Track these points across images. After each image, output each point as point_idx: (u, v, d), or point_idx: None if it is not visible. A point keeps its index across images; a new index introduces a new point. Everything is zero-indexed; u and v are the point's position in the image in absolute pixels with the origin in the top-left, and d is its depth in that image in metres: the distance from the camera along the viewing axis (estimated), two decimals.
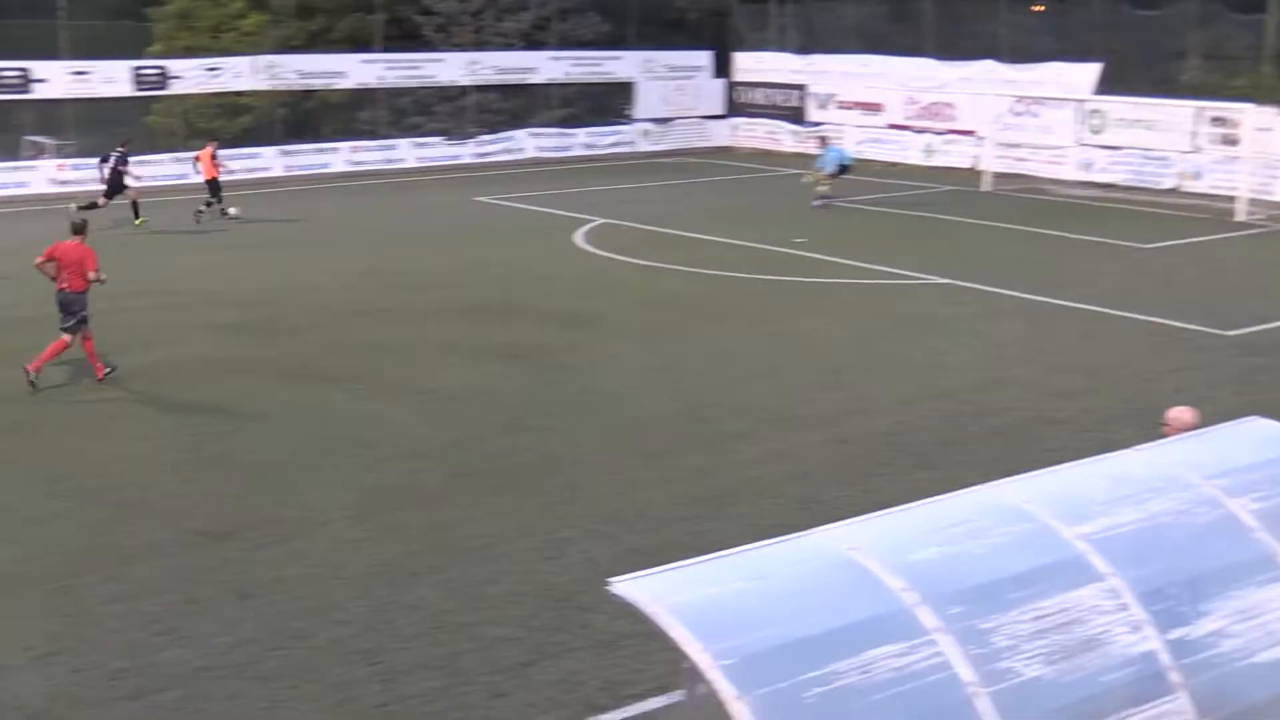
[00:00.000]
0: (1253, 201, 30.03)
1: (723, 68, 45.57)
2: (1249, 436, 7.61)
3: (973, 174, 37.21)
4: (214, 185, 29.51)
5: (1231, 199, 30.56)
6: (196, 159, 30.48)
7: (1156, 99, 33.89)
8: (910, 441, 14.37)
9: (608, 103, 44.58)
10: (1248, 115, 30.32)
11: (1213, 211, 30.62)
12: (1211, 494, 6.75)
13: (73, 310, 16.59)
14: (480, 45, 42.16)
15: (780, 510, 12.37)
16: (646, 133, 44.05)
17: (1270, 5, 33.55)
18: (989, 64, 38.10)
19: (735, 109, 45.63)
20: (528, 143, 41.93)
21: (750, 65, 45.28)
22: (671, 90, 44.47)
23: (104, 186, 29.10)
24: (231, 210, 29.59)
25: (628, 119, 44.05)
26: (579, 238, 27.59)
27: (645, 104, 44.03)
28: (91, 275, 16.48)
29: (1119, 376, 16.83)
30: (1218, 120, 32.67)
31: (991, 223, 29.28)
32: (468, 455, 14.00)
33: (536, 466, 13.67)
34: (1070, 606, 5.98)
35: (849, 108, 41.99)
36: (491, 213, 31.68)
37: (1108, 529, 6.38)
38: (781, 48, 44.95)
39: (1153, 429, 9.64)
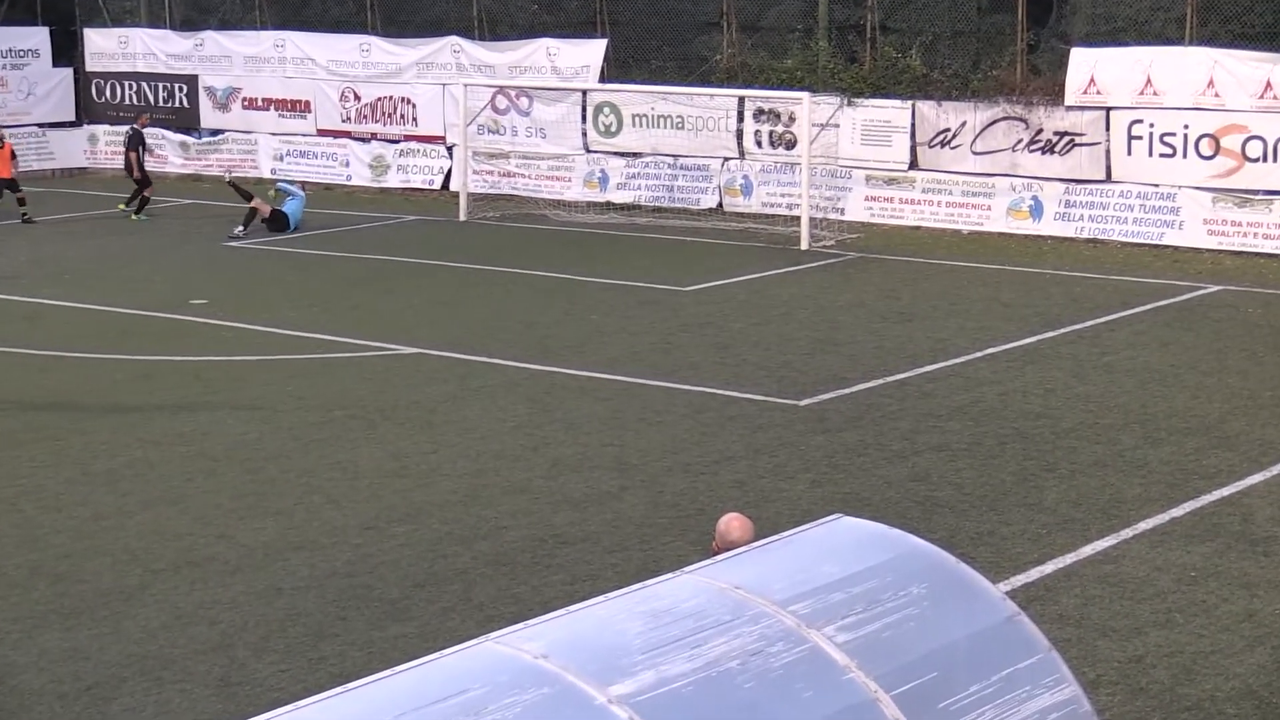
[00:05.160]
0: (818, 222, 31.98)
1: (70, 52, 44.67)
2: (833, 541, 8.01)
3: (444, 197, 37.98)
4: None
5: (793, 219, 32.46)
6: None
7: (685, 87, 35.66)
8: (374, 584, 14.40)
9: None
10: (804, 107, 32.25)
11: (769, 237, 32.43)
12: (789, 625, 7.05)
13: None
14: None
15: (191, 698, 12.13)
16: None
17: None
18: (455, 42, 39.02)
19: (93, 113, 44.81)
20: None
21: (111, 48, 44.58)
22: None
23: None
24: None
25: None
26: None
27: None
28: None
29: (658, 471, 17.48)
30: (765, 114, 34.72)
31: (472, 265, 29.93)
32: None
33: None
34: None
35: (261, 107, 42.02)
36: None
37: (656, 686, 6.54)
38: (156, 22, 44.51)
39: (708, 541, 10.03)
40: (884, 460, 17.75)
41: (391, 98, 39.95)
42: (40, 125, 44.08)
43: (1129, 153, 31.09)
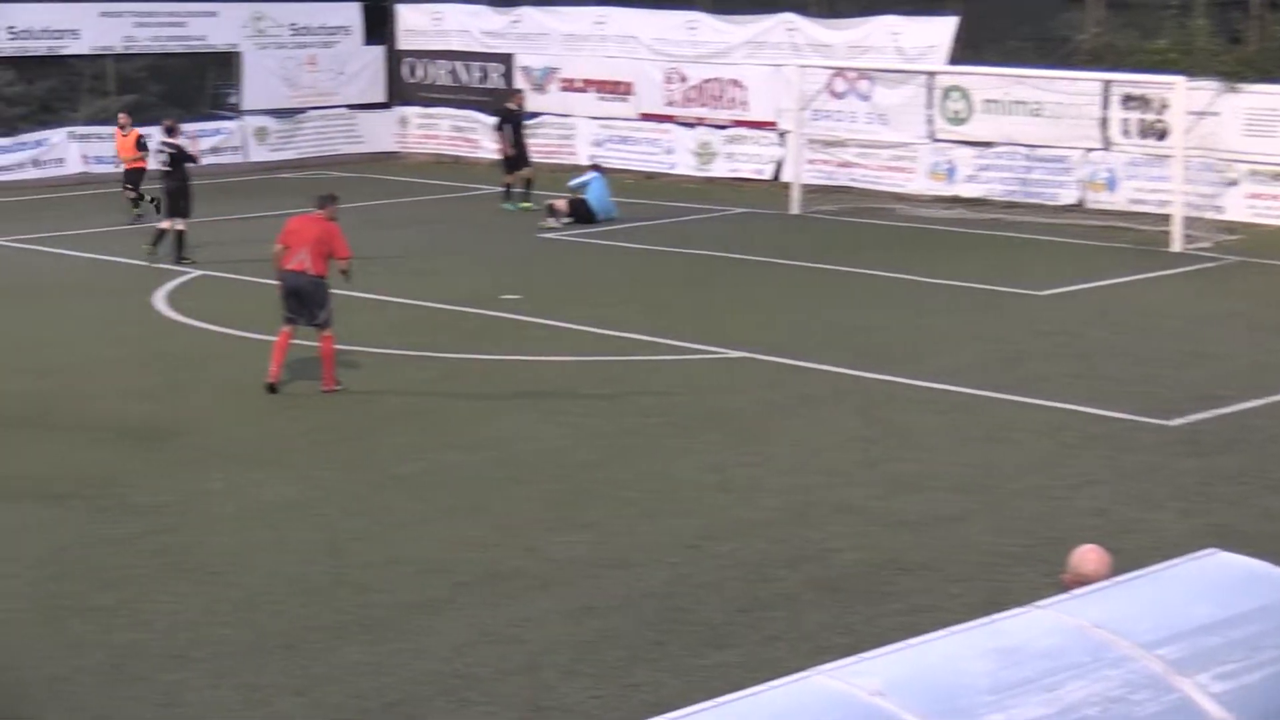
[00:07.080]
0: (1193, 221, 31.38)
1: (380, 29, 45.67)
2: (1207, 579, 7.86)
3: (775, 189, 38.02)
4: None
5: (1163, 218, 31.89)
6: None
7: (1043, 70, 35.24)
8: (693, 606, 14.45)
9: (198, 85, 44.16)
10: (1177, 93, 31.67)
11: (1135, 237, 31.90)
12: (1155, 671, 6.93)
13: (303, 299, 20.99)
14: None
15: None
16: (262, 132, 43.84)
17: None
18: (790, 19, 39.10)
19: (404, 94, 45.77)
20: (69, 149, 41.22)
21: (424, 25, 45.51)
22: (300, 65, 44.35)
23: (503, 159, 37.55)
24: None
25: (232, 111, 43.72)
26: (160, 300, 27.15)
27: (258, 87, 43.81)
28: (342, 265, 21.15)
29: (1006, 494, 17.31)
30: (1134, 101, 34.15)
31: (804, 262, 29.94)
32: None
33: (102, 672, 13.29)
34: None
35: (579, 89, 42.50)
36: (16, 262, 30.96)
37: None
38: None
39: (1062, 573, 9.91)
40: (1265, 489, 17.34)
41: (719, 79, 40.15)
42: (350, 106, 45.18)
43: None
